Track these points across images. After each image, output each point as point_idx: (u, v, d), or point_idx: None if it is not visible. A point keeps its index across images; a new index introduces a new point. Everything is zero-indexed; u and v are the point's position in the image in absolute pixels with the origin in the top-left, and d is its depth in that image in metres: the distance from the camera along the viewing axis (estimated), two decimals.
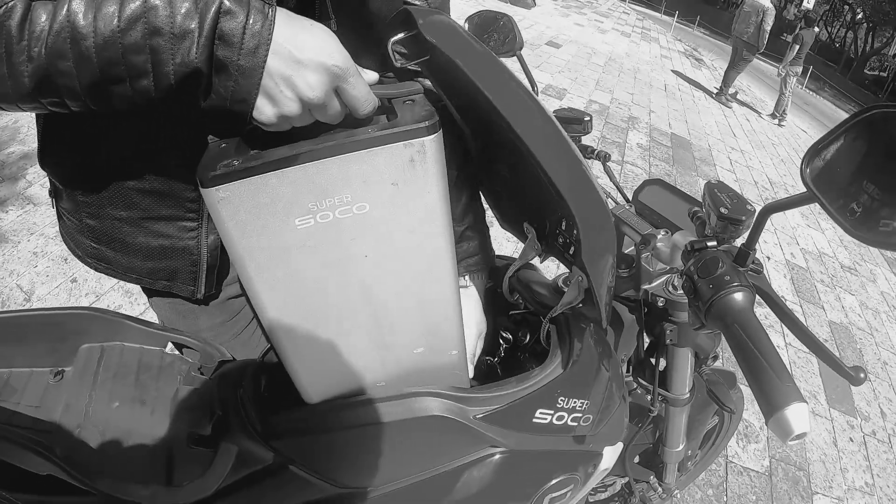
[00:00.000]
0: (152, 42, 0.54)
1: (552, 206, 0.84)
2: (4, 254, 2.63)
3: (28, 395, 0.78)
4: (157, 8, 0.53)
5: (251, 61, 0.55)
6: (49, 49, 0.53)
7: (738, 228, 0.79)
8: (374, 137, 0.56)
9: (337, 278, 0.64)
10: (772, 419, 0.59)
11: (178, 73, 0.55)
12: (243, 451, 0.74)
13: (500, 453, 0.85)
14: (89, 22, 0.53)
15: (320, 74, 0.57)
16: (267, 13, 0.56)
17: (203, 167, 0.55)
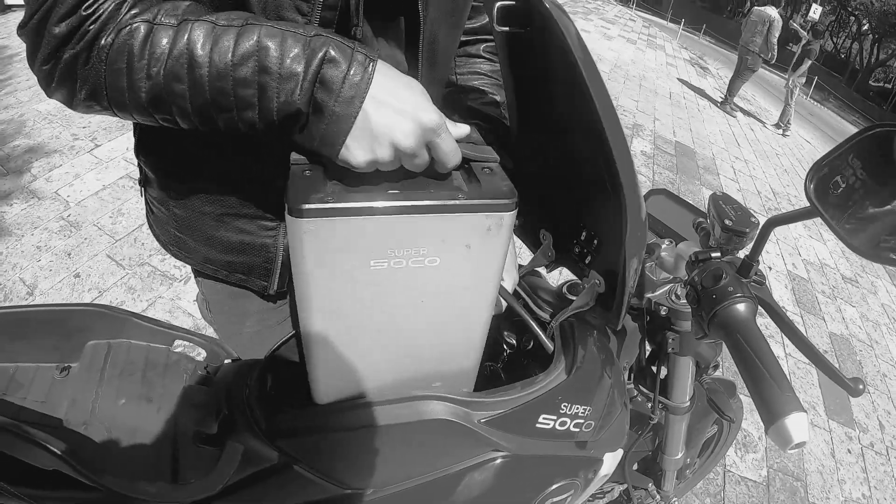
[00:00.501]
0: (261, 79, 0.59)
1: (574, 215, 0.85)
2: (8, 247, 2.64)
3: (34, 390, 0.78)
4: (269, 49, 0.59)
5: (346, 109, 0.60)
6: (167, 71, 0.59)
7: (742, 240, 0.80)
8: (463, 204, 0.60)
9: (386, 314, 0.67)
10: (772, 428, 0.60)
11: (280, 111, 0.61)
12: (249, 450, 0.75)
13: (502, 457, 0.85)
14: (206, 52, 0.59)
15: (416, 126, 0.61)
16: (367, 67, 0.60)
17: (293, 197, 0.56)
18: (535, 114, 0.87)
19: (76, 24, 0.58)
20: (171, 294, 2.55)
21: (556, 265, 0.92)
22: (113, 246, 2.75)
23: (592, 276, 0.80)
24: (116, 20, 0.58)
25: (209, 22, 0.60)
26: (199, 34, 0.59)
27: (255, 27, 0.60)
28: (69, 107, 0.65)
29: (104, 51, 0.59)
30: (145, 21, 0.59)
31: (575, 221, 0.85)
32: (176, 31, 0.59)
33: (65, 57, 0.59)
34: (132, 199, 3.08)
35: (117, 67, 0.59)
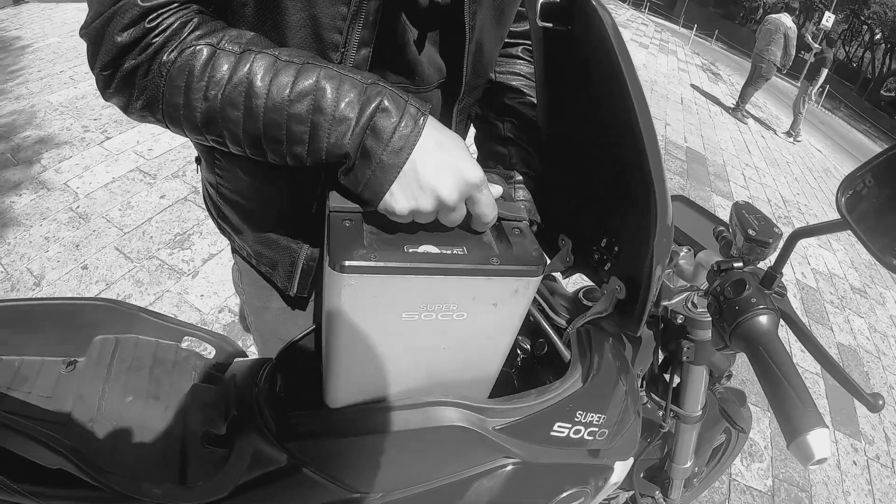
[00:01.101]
0: (314, 118, 0.62)
1: (596, 221, 0.84)
2: (16, 237, 2.65)
3: (40, 384, 0.77)
4: (326, 90, 0.62)
5: (393, 159, 0.62)
6: (224, 96, 0.61)
7: (765, 250, 0.79)
8: (496, 269, 0.64)
9: (410, 353, 0.71)
10: (793, 443, 0.59)
11: (329, 151, 0.63)
12: (257, 451, 0.74)
13: (513, 464, 0.84)
14: (265, 84, 0.61)
15: (460, 180, 0.63)
16: (418, 120, 0.63)
17: (336, 252, 0.59)
18: (565, 115, 0.86)
19: (139, 35, 0.60)
20: (179, 288, 2.54)
21: (574, 271, 0.91)
22: (121, 238, 2.75)
23: (612, 283, 0.79)
24: (180, 38, 0.61)
25: (271, 55, 0.62)
26: (260, 66, 0.61)
27: (315, 67, 0.62)
28: (124, 112, 0.67)
29: (165, 66, 0.61)
30: (209, 44, 0.61)
31: (596, 228, 0.84)
32: (238, 58, 0.61)
33: (125, 66, 0.61)
34: (141, 192, 3.09)
35: (176, 84, 0.62)
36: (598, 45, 0.66)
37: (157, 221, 2.91)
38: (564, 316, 0.90)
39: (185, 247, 2.78)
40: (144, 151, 3.43)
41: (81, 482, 0.64)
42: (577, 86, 0.79)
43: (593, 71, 0.73)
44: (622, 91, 0.64)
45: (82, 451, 0.65)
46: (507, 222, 0.71)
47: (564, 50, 0.78)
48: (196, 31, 0.62)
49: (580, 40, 0.73)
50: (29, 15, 5.53)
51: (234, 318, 2.43)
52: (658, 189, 0.65)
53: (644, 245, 0.70)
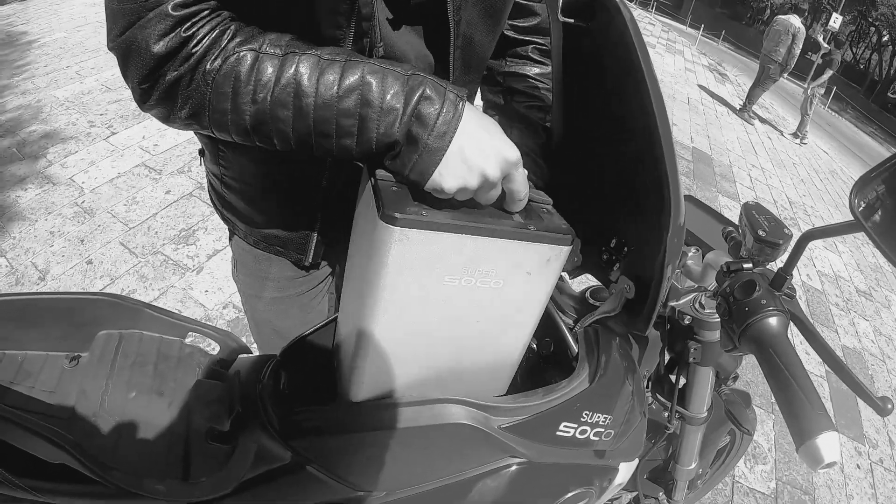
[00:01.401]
0: (362, 111, 0.65)
1: (605, 221, 0.84)
2: (21, 231, 2.65)
3: (42, 379, 0.77)
4: (372, 84, 0.64)
5: (439, 143, 0.65)
6: (273, 98, 0.64)
7: (775, 252, 0.78)
8: (534, 234, 0.67)
9: (445, 325, 0.72)
10: (802, 447, 0.58)
11: (379, 141, 0.66)
12: (261, 448, 0.73)
13: (519, 464, 0.83)
14: (313, 83, 0.64)
15: (501, 158, 0.67)
16: (458, 105, 0.66)
17: (389, 205, 0.62)
18: (580, 112, 0.86)
19: (177, 45, 0.61)
20: (184, 284, 2.55)
21: (582, 271, 0.91)
22: (126, 234, 2.76)
23: (621, 282, 0.78)
24: (221, 46, 0.63)
25: (314, 55, 0.65)
26: (305, 66, 0.64)
27: (359, 63, 0.65)
28: (165, 122, 0.68)
29: (210, 75, 0.63)
30: (251, 49, 0.64)
31: (605, 228, 0.83)
32: (282, 60, 0.64)
33: (167, 77, 0.63)
34: (147, 187, 3.09)
35: (223, 91, 0.63)
36: (618, 42, 0.66)
37: (162, 217, 2.91)
38: (572, 315, 0.90)
39: (190, 242, 2.79)
40: (150, 147, 3.44)
41: (84, 478, 0.64)
42: (594, 82, 0.79)
43: (611, 68, 0.73)
44: (640, 89, 0.64)
45: (85, 447, 0.64)
46: (536, 203, 0.75)
47: (583, 46, 0.78)
48: (236, 38, 0.64)
49: (599, 37, 0.73)
50: (35, 10, 5.54)
51: (238, 313, 2.43)
52: (672, 188, 0.65)
53: (655, 245, 0.70)
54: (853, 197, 0.65)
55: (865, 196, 0.65)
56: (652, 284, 0.72)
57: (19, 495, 0.64)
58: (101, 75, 4.27)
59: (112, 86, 4.11)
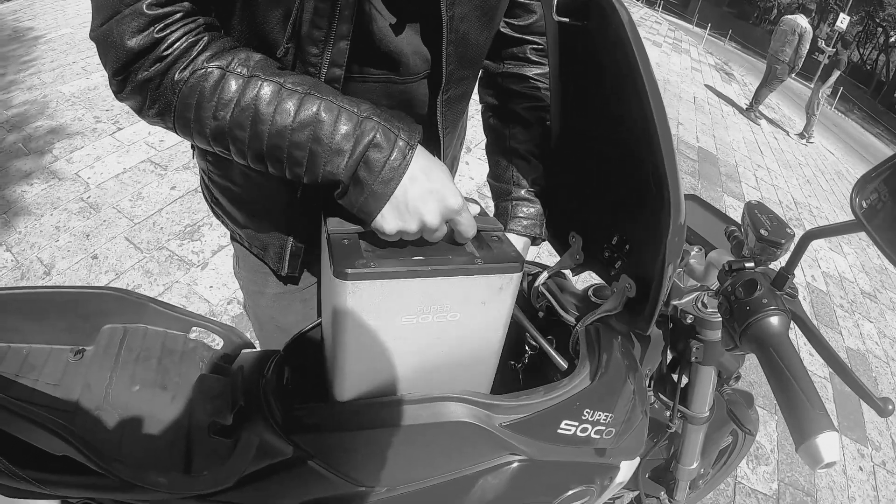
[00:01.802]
0: (313, 146, 0.68)
1: (607, 219, 0.85)
2: (27, 226, 2.66)
3: (47, 372, 0.77)
4: (325, 123, 0.68)
5: (383, 189, 0.69)
6: (232, 118, 0.67)
7: (777, 251, 0.78)
8: (481, 267, 0.71)
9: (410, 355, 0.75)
10: (802, 446, 0.59)
11: (325, 177, 0.70)
12: (263, 443, 0.74)
13: (519, 461, 0.83)
14: (270, 111, 0.67)
15: (442, 206, 0.71)
16: (406, 153, 0.70)
17: (339, 262, 0.66)
18: (578, 111, 0.86)
19: (148, 44, 0.64)
20: (188, 279, 2.55)
21: (584, 268, 0.91)
22: (132, 229, 2.76)
23: (623, 281, 0.79)
24: (190, 57, 0.66)
25: (277, 83, 0.68)
26: (266, 92, 0.67)
27: (316, 99, 0.68)
28: (137, 115, 0.72)
29: (178, 84, 0.66)
30: (219, 67, 0.67)
31: (607, 225, 0.83)
32: (246, 83, 0.67)
33: (138, 76, 0.66)
34: (152, 182, 3.10)
35: (188, 102, 0.67)
36: (615, 41, 0.66)
37: (167, 212, 2.92)
38: (574, 313, 0.90)
39: (195, 238, 2.79)
40: (156, 143, 3.45)
41: (87, 470, 0.64)
42: (592, 82, 0.79)
43: (608, 67, 0.73)
44: (637, 88, 0.64)
45: (88, 439, 0.65)
46: (486, 233, 0.78)
47: (579, 45, 0.78)
48: (206, 52, 0.67)
49: (596, 36, 0.73)
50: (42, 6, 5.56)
51: (242, 309, 2.43)
52: (672, 188, 0.65)
53: (656, 243, 0.70)
54: (854, 196, 0.65)
55: (867, 196, 0.65)
56: (653, 284, 0.72)
57: (23, 487, 0.65)
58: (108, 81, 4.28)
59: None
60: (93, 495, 0.71)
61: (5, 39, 4.73)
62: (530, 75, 1.02)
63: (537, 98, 1.01)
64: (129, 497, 0.70)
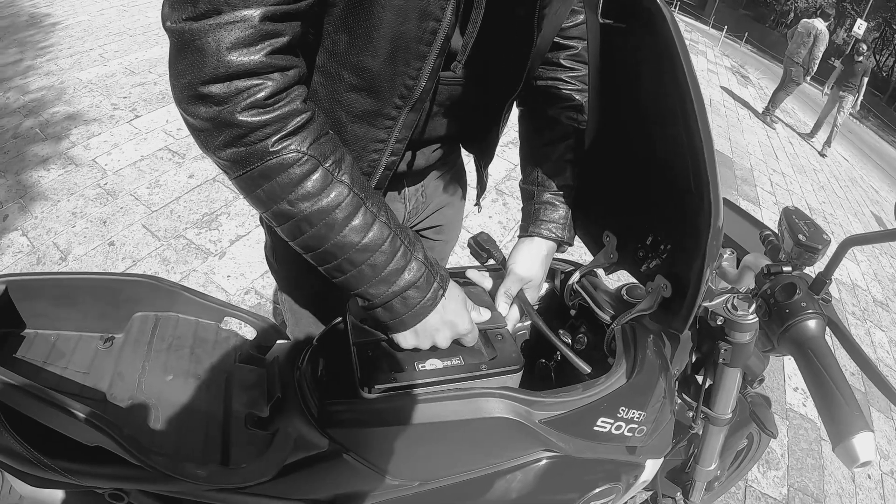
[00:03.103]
0: (365, 269, 0.72)
1: (643, 219, 0.85)
2: (43, 212, 2.67)
3: (76, 360, 0.77)
4: (385, 254, 0.72)
5: (411, 321, 0.76)
6: (306, 213, 0.67)
7: (814, 256, 0.78)
8: (487, 372, 0.80)
9: None
10: (839, 446, 0.60)
11: (361, 293, 0.74)
12: (299, 435, 0.74)
13: (550, 458, 0.84)
14: (345, 225, 0.69)
15: (453, 333, 0.81)
16: (438, 297, 0.77)
17: (365, 378, 0.75)
18: (617, 112, 0.86)
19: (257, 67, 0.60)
20: (206, 268, 2.56)
21: (617, 267, 0.91)
22: (149, 216, 2.77)
23: (658, 281, 0.79)
24: (289, 129, 0.64)
25: (360, 199, 0.70)
26: (348, 204, 0.69)
27: (387, 229, 0.72)
28: (194, 133, 0.66)
29: (269, 155, 0.64)
30: (313, 157, 0.66)
31: (642, 226, 0.83)
32: (332, 185, 0.68)
33: (226, 107, 0.60)
34: (170, 171, 3.11)
35: (268, 175, 0.65)
36: (659, 43, 0.66)
37: (184, 201, 2.93)
38: (609, 312, 0.90)
39: (213, 227, 2.80)
40: (174, 131, 3.45)
41: (117, 459, 0.63)
42: (632, 83, 0.79)
43: (651, 68, 0.73)
44: (681, 90, 0.64)
45: (121, 429, 0.63)
46: (492, 331, 0.87)
47: (622, 47, 0.78)
48: (305, 130, 0.65)
49: (639, 38, 0.72)
50: None
51: (260, 300, 2.44)
52: (713, 190, 0.65)
53: (693, 245, 0.70)
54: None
55: None
56: (690, 285, 0.72)
57: (51, 477, 0.64)
58: (124, 58, 4.29)
59: (136, 69, 4.13)
60: (125, 486, 0.70)
61: (23, 25, 4.75)
62: (564, 78, 1.02)
63: (569, 100, 1.01)
64: (162, 489, 0.69)
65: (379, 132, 0.82)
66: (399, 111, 0.79)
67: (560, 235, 0.98)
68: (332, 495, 0.78)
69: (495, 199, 3.62)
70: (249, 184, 0.66)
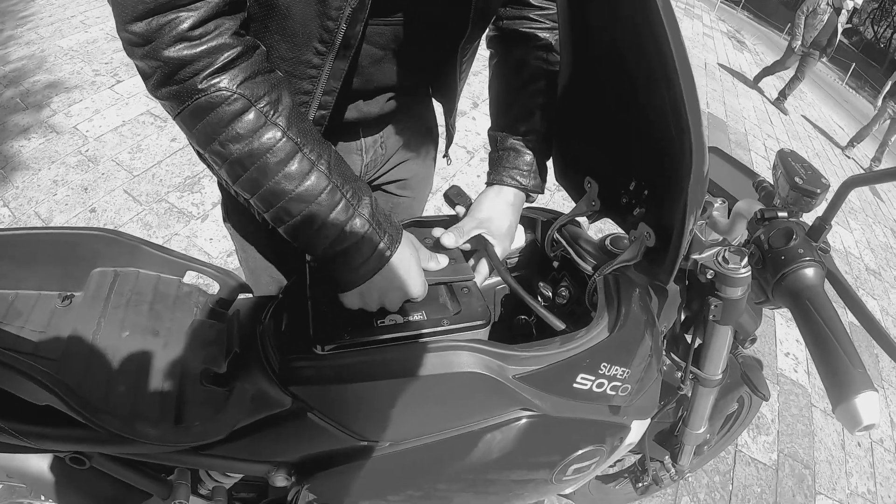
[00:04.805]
0: (302, 221, 0.68)
1: (625, 164, 0.80)
2: (24, 181, 2.63)
3: (34, 319, 0.75)
4: (322, 206, 0.68)
5: (352, 278, 0.72)
6: (238, 155, 0.64)
7: (811, 201, 0.73)
8: (450, 328, 0.75)
9: None
10: (840, 407, 0.55)
11: (301, 244, 0.71)
12: (259, 393, 0.70)
13: (530, 417, 0.80)
14: (278, 171, 0.65)
15: (403, 295, 0.76)
16: (383, 258, 0.72)
17: (318, 334, 0.71)
18: (593, 54, 0.81)
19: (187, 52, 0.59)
20: (188, 231, 2.53)
21: (600, 216, 0.86)
22: (131, 181, 2.73)
23: (641, 229, 0.74)
24: (218, 64, 0.61)
25: (295, 144, 0.66)
26: (281, 149, 0.65)
27: (324, 178, 0.68)
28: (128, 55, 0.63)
29: (197, 93, 0.61)
30: (244, 98, 0.62)
31: (624, 171, 0.79)
32: (265, 128, 0.64)
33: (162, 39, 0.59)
34: (152, 135, 3.06)
35: (198, 113, 0.62)
36: None
37: (167, 164, 2.88)
38: (590, 262, 0.86)
39: (195, 190, 2.76)
40: None
41: (73, 421, 0.62)
42: (606, 24, 0.75)
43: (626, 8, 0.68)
44: (657, 32, 0.60)
45: (74, 389, 0.62)
46: (457, 284, 0.82)
47: None
48: (238, 65, 0.62)
49: None
50: None
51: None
52: (695, 134, 0.61)
53: (677, 191, 0.66)
54: None
55: None
56: (673, 233, 0.68)
57: (6, 440, 0.63)
58: (106, 24, 4.20)
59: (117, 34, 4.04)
60: (79, 448, 0.69)
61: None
62: (531, 16, 0.97)
63: (536, 40, 0.96)
64: (117, 450, 0.68)
65: (303, 83, 0.76)
66: (322, 59, 0.74)
67: (524, 183, 0.93)
68: (297, 457, 0.75)
69: (484, 158, 3.57)
70: (186, 122, 0.64)
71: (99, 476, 0.77)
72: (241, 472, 0.82)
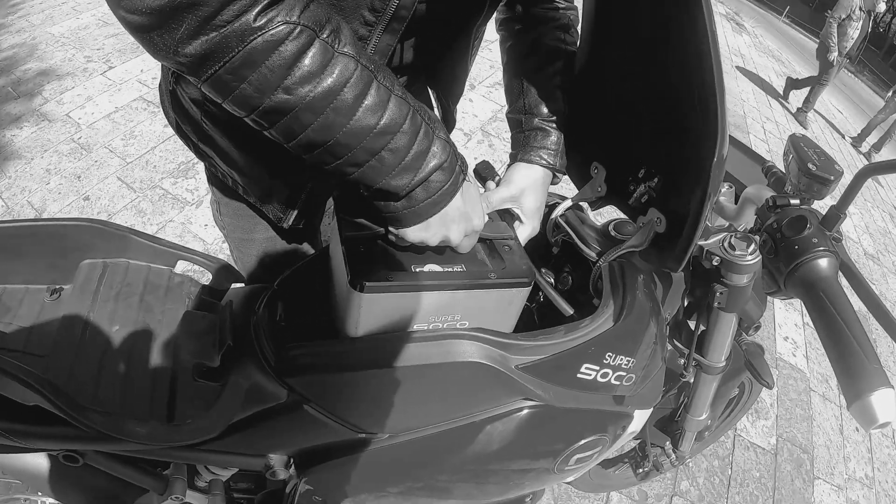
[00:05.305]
0: (386, 155, 0.60)
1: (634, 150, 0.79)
2: (17, 170, 2.61)
3: (22, 314, 0.73)
4: (406, 135, 0.60)
5: (429, 209, 0.66)
6: (308, 98, 0.54)
7: (824, 188, 0.71)
8: (495, 282, 0.71)
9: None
10: (856, 404, 0.54)
11: (383, 186, 0.63)
12: (254, 386, 0.68)
13: (532, 407, 0.78)
14: (358, 106, 0.56)
15: (468, 226, 0.70)
16: (458, 179, 0.66)
17: (357, 274, 0.65)
18: (613, 36, 0.79)
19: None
20: (182, 218, 2.50)
21: (605, 202, 0.84)
22: (124, 168, 2.70)
23: (651, 214, 0.72)
24: (277, 8, 0.50)
25: (370, 72, 0.57)
26: (357, 80, 0.56)
27: (405, 105, 0.60)
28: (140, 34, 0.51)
29: (250, 33, 0.49)
30: (307, 27, 0.52)
31: (634, 157, 0.77)
32: (335, 60, 0.54)
33: None
34: (145, 121, 3.02)
35: (254, 59, 0.51)
36: None
37: (160, 151, 2.85)
38: (594, 248, 0.84)
39: (189, 176, 2.73)
40: (148, 80, 3.35)
41: (62, 420, 0.60)
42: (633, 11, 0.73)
43: None
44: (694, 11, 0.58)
45: (61, 388, 0.60)
46: (499, 241, 0.78)
47: None
48: (297, 9, 0.51)
49: None
50: None
51: None
52: (721, 114, 0.59)
53: (693, 175, 0.64)
54: None
55: None
56: (689, 218, 0.66)
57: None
58: (98, 10, 4.14)
59: (109, 20, 3.98)
60: (70, 447, 0.67)
61: None
62: None
63: (554, 20, 0.93)
64: (108, 448, 0.66)
65: None
66: (370, 30, 0.67)
67: (552, 162, 0.89)
68: (294, 450, 0.73)
69: (481, 141, 3.55)
70: (230, 80, 0.52)
71: (94, 472, 0.76)
72: (237, 466, 0.81)
